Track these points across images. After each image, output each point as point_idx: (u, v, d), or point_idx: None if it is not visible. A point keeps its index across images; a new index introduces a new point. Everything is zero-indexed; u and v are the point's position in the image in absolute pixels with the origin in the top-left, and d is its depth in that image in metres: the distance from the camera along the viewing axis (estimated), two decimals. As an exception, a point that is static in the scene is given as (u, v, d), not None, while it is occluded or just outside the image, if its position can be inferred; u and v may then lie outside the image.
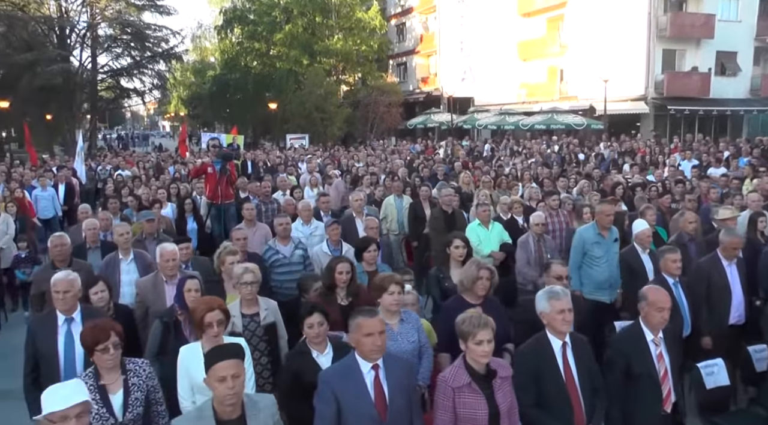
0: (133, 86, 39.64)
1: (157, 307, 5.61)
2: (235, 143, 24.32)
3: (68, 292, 4.71)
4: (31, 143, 24.18)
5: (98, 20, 35.73)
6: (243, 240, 6.95)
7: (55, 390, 3.07)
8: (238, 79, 41.91)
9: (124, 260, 6.76)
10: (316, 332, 4.38)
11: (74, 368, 4.64)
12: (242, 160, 21.60)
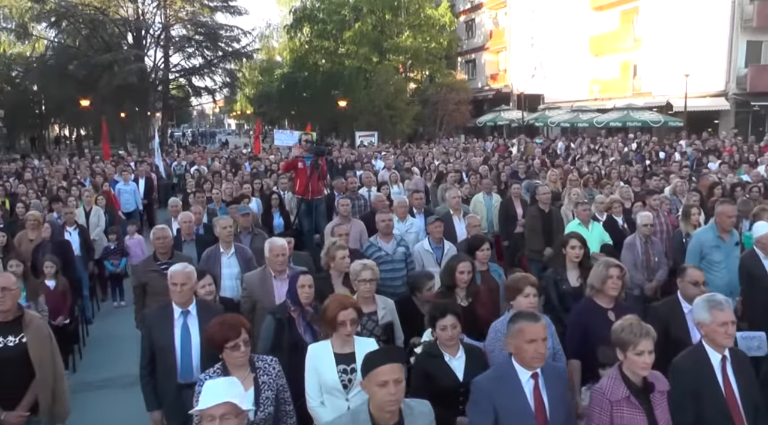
0: (204, 85, 40.45)
1: (265, 302, 5.45)
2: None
3: (185, 285, 4.58)
4: (107, 140, 24.90)
5: (172, 21, 36.50)
6: (345, 236, 6.74)
7: (207, 387, 2.94)
8: (306, 77, 42.11)
9: (226, 254, 6.65)
10: (449, 334, 4.09)
11: (191, 361, 4.56)
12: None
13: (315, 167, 9.84)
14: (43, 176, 17.30)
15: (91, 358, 8.54)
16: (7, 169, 19.71)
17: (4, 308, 4.33)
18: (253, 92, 51.80)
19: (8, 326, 4.37)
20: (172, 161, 21.62)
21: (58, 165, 20.26)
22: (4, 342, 4.33)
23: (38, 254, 8.21)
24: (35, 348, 4.37)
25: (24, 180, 15.54)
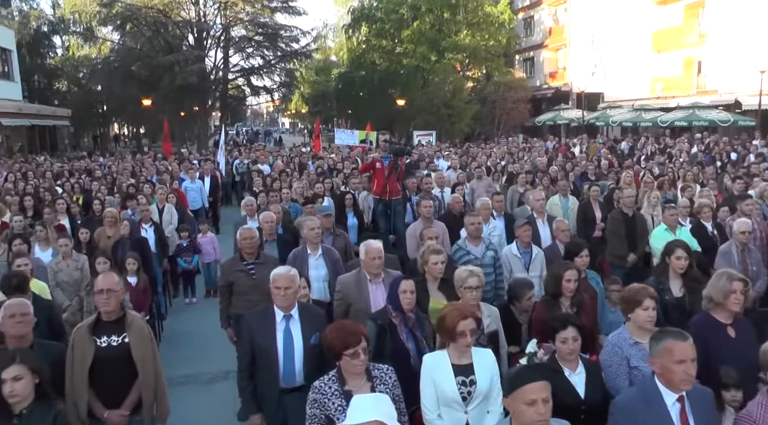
0: (263, 84, 40.90)
1: (360, 306, 5.32)
2: (368, 139, 24.39)
3: (289, 288, 4.48)
4: (169, 138, 25.33)
5: (233, 22, 36.99)
6: (435, 239, 6.55)
7: (357, 402, 2.83)
8: (363, 76, 42.07)
9: (313, 255, 6.53)
10: (570, 347, 3.87)
11: (293, 365, 4.47)
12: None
13: (394, 168, 9.68)
14: (111, 174, 17.66)
15: (167, 355, 8.51)
16: (78, 166, 20.21)
17: (109, 309, 4.31)
18: (309, 91, 52.13)
19: (111, 326, 4.34)
20: (233, 160, 21.79)
21: (124, 163, 20.63)
22: (108, 341, 4.30)
23: (117, 251, 8.27)
24: (138, 348, 4.34)
25: (94, 177, 15.86)
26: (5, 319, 4.19)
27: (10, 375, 3.38)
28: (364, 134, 24.70)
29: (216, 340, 7.97)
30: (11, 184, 14.53)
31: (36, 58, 41.74)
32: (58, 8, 42.62)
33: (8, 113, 30.76)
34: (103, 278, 4.37)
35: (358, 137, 24.68)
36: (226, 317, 6.41)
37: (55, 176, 17.26)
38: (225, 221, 15.34)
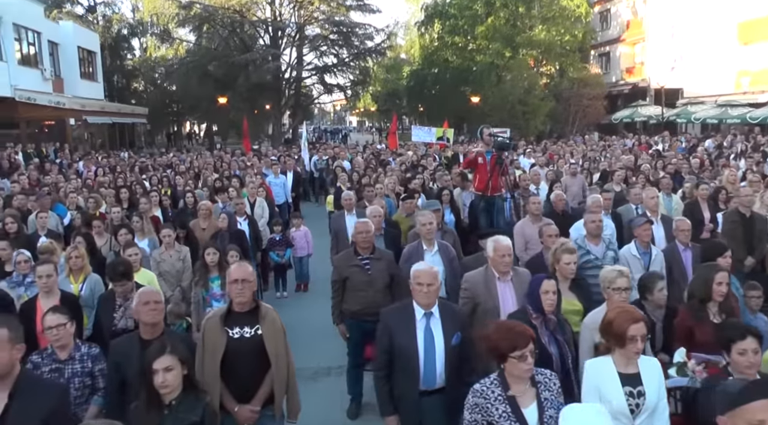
0: (336, 82, 41.08)
1: (488, 306, 5.08)
2: (445, 136, 24.10)
3: (432, 285, 4.26)
4: (248, 135, 25.70)
5: (308, 21, 37.27)
6: (555, 236, 6.24)
7: (574, 414, 2.58)
8: (435, 73, 41.64)
9: (429, 251, 6.33)
10: (750, 360, 3.56)
11: (434, 366, 4.25)
12: (453, 153, 21.24)
13: (498, 163, 9.38)
14: (193, 168, 17.95)
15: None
16: (160, 161, 20.70)
17: (243, 299, 4.19)
18: (378, 90, 52.10)
19: (244, 317, 4.22)
20: (311, 156, 21.90)
21: (208, 159, 21.00)
22: (240, 332, 4.17)
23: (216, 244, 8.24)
24: (271, 340, 4.20)
25: (178, 172, 16.13)
26: (140, 306, 4.14)
27: (161, 365, 3.29)
28: (441, 131, 24.40)
29: (308, 335, 7.91)
30: (103, 177, 14.90)
31: (116, 59, 43.22)
32: (137, 12, 43.98)
33: (93, 111, 32.12)
34: (237, 268, 4.26)
35: (435, 134, 24.40)
36: (338, 313, 6.25)
37: (140, 170, 17.68)
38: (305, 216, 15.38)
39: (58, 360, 4.30)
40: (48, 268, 5.48)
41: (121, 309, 5.25)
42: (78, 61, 33.44)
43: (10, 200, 11.16)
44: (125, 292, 5.29)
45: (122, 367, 4.07)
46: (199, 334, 4.31)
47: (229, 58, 35.48)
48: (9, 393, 3.09)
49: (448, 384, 4.27)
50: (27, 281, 6.49)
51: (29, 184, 14.00)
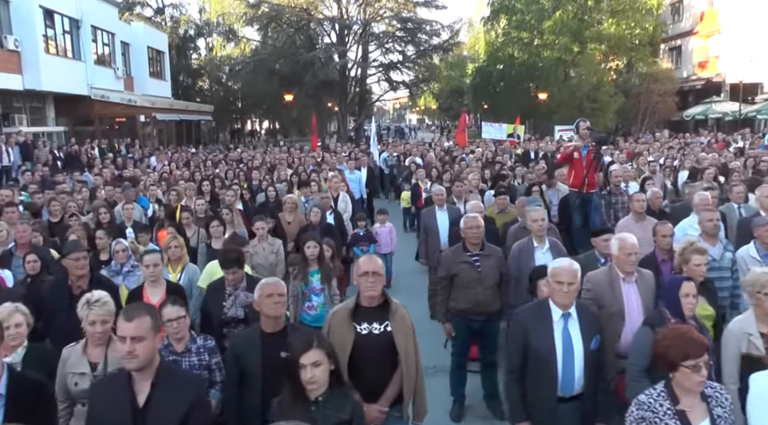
0: (402, 79, 40.83)
1: (613, 309, 4.74)
2: (516, 133, 23.64)
3: (572, 284, 3.97)
4: (316, 132, 25.74)
5: (374, 18, 37.16)
6: (669, 237, 5.84)
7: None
8: (501, 70, 40.99)
9: (540, 248, 6.05)
10: None
11: (572, 371, 3.96)
12: (524, 151, 20.80)
13: (595, 158, 8.97)
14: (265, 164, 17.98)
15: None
16: (232, 156, 20.89)
17: (374, 293, 3.95)
18: (439, 87, 51.53)
19: (373, 312, 3.98)
20: (381, 152, 21.74)
21: (279, 154, 21.07)
22: (369, 328, 3.94)
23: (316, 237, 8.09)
24: (401, 337, 3.95)
25: (253, 167, 16.18)
26: (263, 298, 3.95)
27: (309, 360, 3.09)
28: (511, 128, 24.00)
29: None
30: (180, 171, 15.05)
31: (182, 59, 44.16)
32: (204, 13, 44.96)
33: (161, 108, 32.87)
34: (367, 260, 4.03)
35: (506, 130, 23.99)
36: (444, 311, 5.98)
37: (213, 164, 17.82)
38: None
39: (175, 353, 4.19)
40: (155, 257, 5.41)
41: (231, 298, 5.12)
42: (147, 60, 34.45)
43: (95, 192, 11.36)
44: (236, 280, 5.17)
45: (242, 360, 3.92)
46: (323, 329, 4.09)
47: (296, 55, 35.67)
48: (151, 382, 2.96)
49: (587, 391, 3.98)
50: (125, 271, 6.51)
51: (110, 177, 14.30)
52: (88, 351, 4.02)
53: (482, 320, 5.86)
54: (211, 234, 7.32)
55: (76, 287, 5.22)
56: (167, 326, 4.12)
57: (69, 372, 3.97)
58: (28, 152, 19.74)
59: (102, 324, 3.95)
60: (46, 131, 24.56)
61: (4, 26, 22.17)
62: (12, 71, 21.89)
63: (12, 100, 23.31)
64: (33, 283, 6.30)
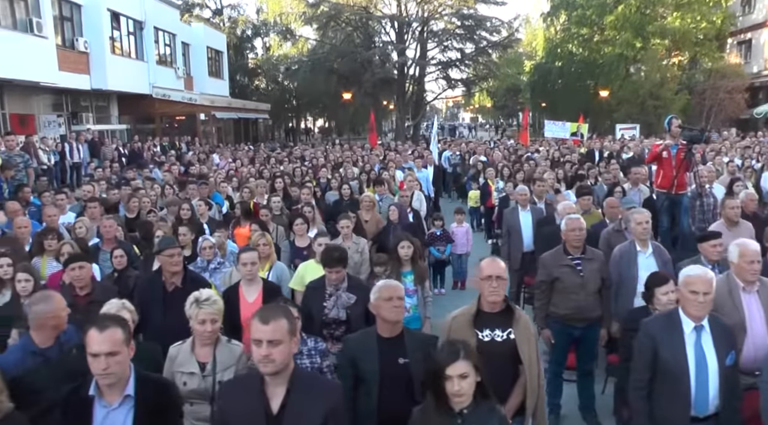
0: (460, 77, 40.45)
1: (734, 320, 4.37)
2: (579, 132, 23.11)
3: (708, 294, 3.67)
4: (375, 130, 25.67)
5: (433, 15, 36.89)
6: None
7: None
8: (560, 67, 40.19)
9: (642, 252, 5.75)
10: None
11: (706, 388, 3.67)
12: (588, 149, 20.29)
13: (686, 158, 8.55)
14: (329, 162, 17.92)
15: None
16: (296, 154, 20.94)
17: (497, 298, 3.76)
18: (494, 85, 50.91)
19: (495, 318, 3.79)
20: (441, 151, 21.45)
21: (345, 152, 21.04)
22: (491, 335, 3.76)
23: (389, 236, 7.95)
24: (524, 345, 3.75)
25: (318, 165, 16.13)
26: (381, 301, 3.77)
27: (456, 371, 2.90)
28: (575, 126, 23.46)
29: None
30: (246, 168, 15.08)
31: (239, 58, 44.75)
32: (261, 13, 45.49)
33: (220, 107, 33.40)
34: (490, 263, 3.82)
35: (569, 129, 23.47)
36: (543, 316, 5.71)
37: (278, 161, 17.86)
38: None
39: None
40: (252, 255, 5.28)
41: (333, 299, 4.98)
42: (207, 60, 35.06)
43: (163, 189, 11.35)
44: (338, 280, 5.03)
45: (358, 364, 3.76)
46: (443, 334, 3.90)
47: (356, 54, 35.70)
48: (287, 388, 2.82)
49: (723, 412, 3.70)
50: (211, 268, 6.47)
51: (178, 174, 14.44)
52: (196, 350, 3.94)
53: (582, 327, 5.59)
54: (296, 232, 7.21)
55: (170, 284, 5.15)
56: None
57: (177, 371, 3.90)
58: (96, 149, 20.23)
59: (212, 322, 3.87)
60: (110, 129, 25.18)
61: (76, 29, 22.97)
62: (81, 72, 22.60)
63: (80, 99, 24.08)
64: (120, 278, 6.37)
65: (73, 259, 5.36)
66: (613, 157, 17.57)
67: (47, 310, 3.93)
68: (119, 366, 2.87)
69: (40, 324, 3.95)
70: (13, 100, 19.93)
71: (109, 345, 2.82)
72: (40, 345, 3.94)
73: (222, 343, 3.95)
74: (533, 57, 47.79)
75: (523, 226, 8.49)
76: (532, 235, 8.45)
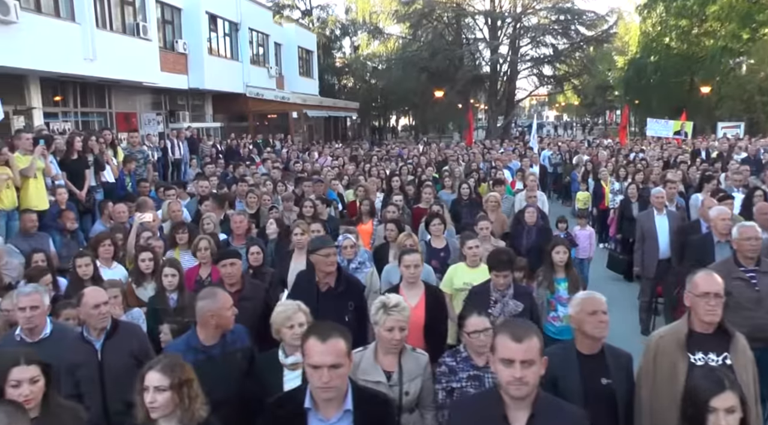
0: (552, 73, 39.36)
1: None
2: (683, 130, 22.06)
3: None
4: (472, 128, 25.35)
5: (527, 10, 36.10)
6: None
7: None
8: (655, 62, 38.49)
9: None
10: None
11: None
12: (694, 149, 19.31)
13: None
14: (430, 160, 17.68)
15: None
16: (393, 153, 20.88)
17: (714, 318, 3.41)
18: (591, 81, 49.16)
19: (710, 340, 3.45)
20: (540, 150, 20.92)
21: (448, 150, 20.84)
22: (704, 359, 3.41)
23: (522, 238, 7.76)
24: (743, 373, 3.38)
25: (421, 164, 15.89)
26: (584, 315, 3.47)
27: (724, 404, 2.59)
28: (678, 125, 22.29)
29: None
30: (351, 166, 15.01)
31: (327, 58, 45.25)
32: (350, 12, 45.89)
33: (312, 105, 33.90)
34: (707, 278, 3.45)
35: (673, 127, 22.35)
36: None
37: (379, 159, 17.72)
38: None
39: (476, 366, 3.83)
40: (416, 257, 5.05)
41: (499, 306, 4.75)
42: (297, 59, 35.67)
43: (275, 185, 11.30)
44: (506, 285, 4.81)
45: (557, 383, 3.47)
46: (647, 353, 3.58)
47: (448, 52, 35.35)
48: (530, 413, 2.61)
49: None
50: (352, 267, 6.36)
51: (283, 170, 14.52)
52: (380, 358, 3.78)
53: (761, 347, 5.08)
54: (432, 233, 6.97)
55: (324, 284, 5.00)
56: (473, 338, 3.77)
57: (361, 378, 3.73)
58: (194, 146, 20.70)
59: (400, 330, 3.69)
60: (205, 127, 25.84)
61: (176, 31, 23.85)
62: (180, 72, 23.38)
63: (177, 98, 24.89)
64: (255, 275, 6.24)
65: (225, 256, 5.26)
66: (722, 157, 16.56)
67: (209, 307, 3.87)
68: (341, 380, 2.71)
69: (203, 321, 3.91)
70: (118, 99, 20.80)
71: (332, 356, 2.65)
72: (203, 342, 3.90)
73: (407, 351, 3.77)
74: (625, 52, 45.85)
75: (659, 231, 7.99)
76: (668, 241, 7.95)
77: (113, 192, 10.87)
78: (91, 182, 10.44)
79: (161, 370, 2.88)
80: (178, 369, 2.90)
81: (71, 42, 16.13)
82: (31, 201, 8.53)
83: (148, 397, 2.83)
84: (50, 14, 15.84)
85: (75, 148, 10.34)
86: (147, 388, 2.85)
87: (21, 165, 8.53)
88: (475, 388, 3.70)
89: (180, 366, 2.95)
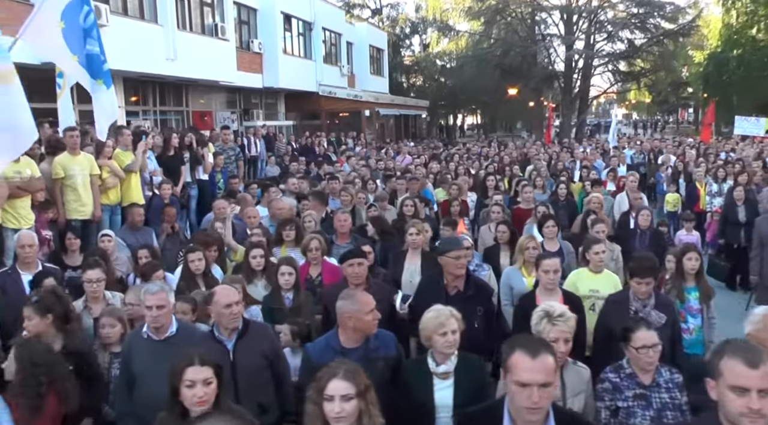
0: (629, 69, 38.07)
1: None
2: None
3: None
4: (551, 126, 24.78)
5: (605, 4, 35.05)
6: None
7: None
8: (739, 55, 36.55)
9: None
10: None
11: None
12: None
13: None
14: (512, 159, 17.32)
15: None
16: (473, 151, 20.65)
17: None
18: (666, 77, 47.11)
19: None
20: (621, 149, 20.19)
21: (529, 148, 20.47)
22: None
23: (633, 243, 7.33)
24: None
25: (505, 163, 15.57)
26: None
27: None
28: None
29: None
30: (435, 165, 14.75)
31: (396, 56, 45.20)
32: (420, 10, 45.74)
33: (384, 103, 34.05)
34: None
35: (764, 126, 21.20)
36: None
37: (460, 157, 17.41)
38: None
39: (642, 385, 3.54)
40: (555, 262, 4.85)
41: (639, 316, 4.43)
42: (368, 58, 35.83)
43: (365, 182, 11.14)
44: (647, 294, 4.54)
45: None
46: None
47: (523, 48, 34.73)
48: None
49: None
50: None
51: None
52: None
53: None
54: (545, 235, 6.64)
55: (452, 288, 4.82)
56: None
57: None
58: (270, 144, 20.90)
59: (564, 342, 3.45)
60: (277, 125, 26.15)
61: (252, 31, 24.28)
62: (255, 71, 23.80)
63: (251, 96, 25.32)
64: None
65: (352, 255, 5.11)
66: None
67: (347, 309, 3.78)
68: (550, 400, 2.49)
69: (341, 322, 3.83)
70: (195, 98, 21.30)
71: (543, 374, 2.42)
72: (343, 344, 3.80)
73: (569, 365, 3.54)
74: (703, 47, 43.70)
75: (775, 236, 7.47)
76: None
77: (206, 189, 11.05)
78: (186, 178, 10.63)
79: (345, 377, 2.71)
80: (359, 376, 2.75)
81: (154, 43, 16.61)
82: (132, 196, 8.68)
83: (335, 407, 2.66)
84: (135, 17, 16.33)
85: (172, 144, 10.54)
86: (332, 397, 2.68)
87: (126, 160, 8.67)
88: (642, 408, 3.46)
89: (359, 371, 2.79)
